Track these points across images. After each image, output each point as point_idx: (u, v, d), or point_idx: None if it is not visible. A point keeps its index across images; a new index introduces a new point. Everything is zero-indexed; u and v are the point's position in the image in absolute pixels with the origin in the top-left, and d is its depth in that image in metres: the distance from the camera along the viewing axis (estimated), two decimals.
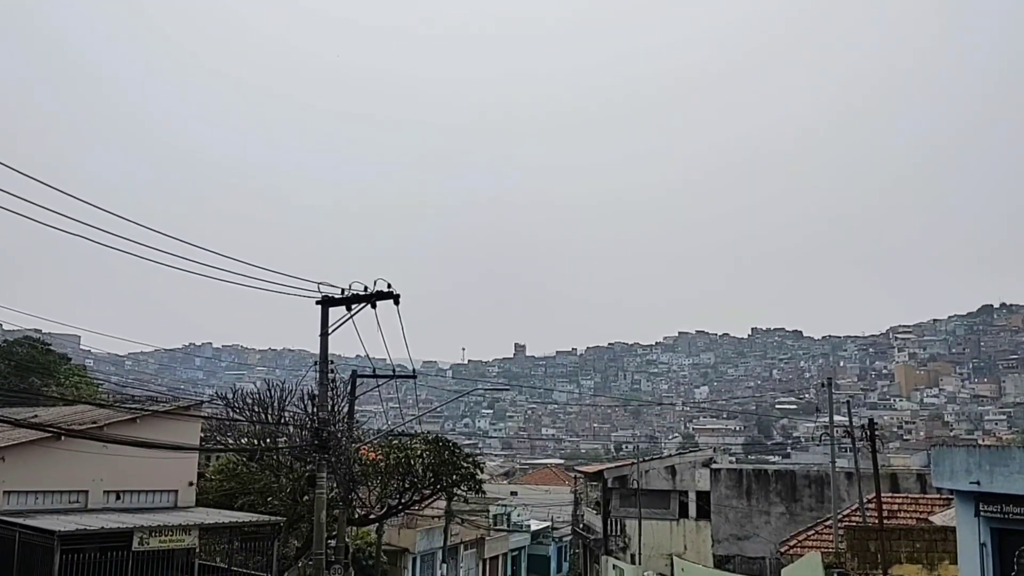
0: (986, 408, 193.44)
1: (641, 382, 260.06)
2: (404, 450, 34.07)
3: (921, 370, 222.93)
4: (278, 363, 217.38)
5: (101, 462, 24.03)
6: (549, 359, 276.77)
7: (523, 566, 74.58)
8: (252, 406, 30.72)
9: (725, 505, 36.51)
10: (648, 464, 43.67)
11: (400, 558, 54.69)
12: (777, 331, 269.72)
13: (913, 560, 21.54)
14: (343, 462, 27.31)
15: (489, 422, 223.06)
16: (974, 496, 15.26)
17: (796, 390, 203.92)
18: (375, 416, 46.38)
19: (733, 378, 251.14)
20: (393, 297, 23.03)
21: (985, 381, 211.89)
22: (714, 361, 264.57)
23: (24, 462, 23.82)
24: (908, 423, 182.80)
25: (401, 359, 27.70)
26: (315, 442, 23.41)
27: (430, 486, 35.33)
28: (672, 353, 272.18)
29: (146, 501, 26.41)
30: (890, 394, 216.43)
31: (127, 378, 76.61)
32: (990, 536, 15.09)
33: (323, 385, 23.65)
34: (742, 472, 38.12)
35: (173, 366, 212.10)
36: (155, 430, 24.90)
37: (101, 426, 25.08)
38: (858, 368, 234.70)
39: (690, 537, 40.43)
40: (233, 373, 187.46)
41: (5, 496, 23.61)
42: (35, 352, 50.10)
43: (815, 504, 34.88)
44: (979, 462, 15.17)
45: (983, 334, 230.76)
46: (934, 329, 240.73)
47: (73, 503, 24.79)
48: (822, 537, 27.61)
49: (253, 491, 31.82)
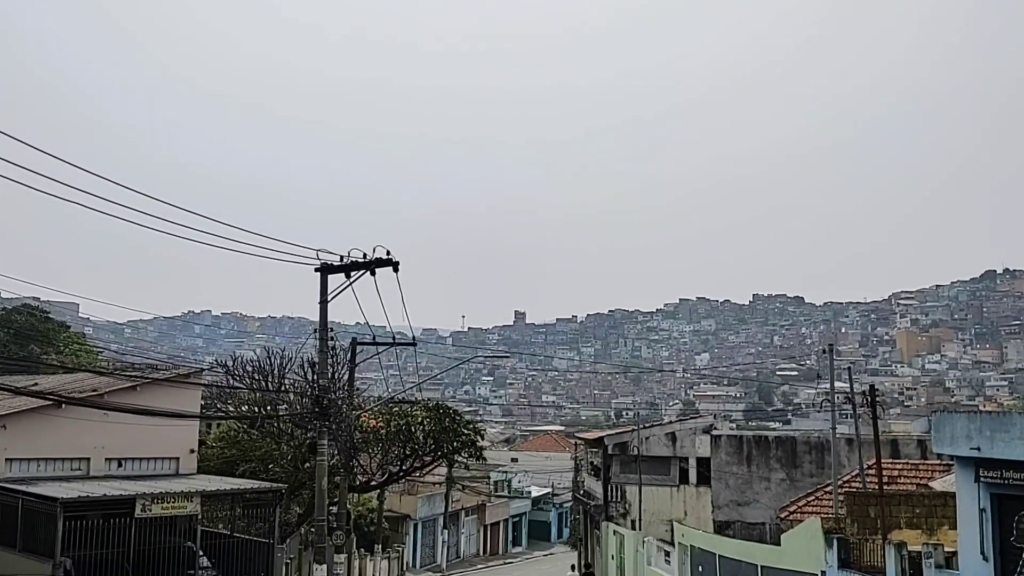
0: (988, 374, 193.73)
1: (641, 349, 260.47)
2: (405, 417, 34.13)
3: (923, 336, 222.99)
4: (278, 331, 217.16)
5: (102, 430, 24.05)
6: (549, 326, 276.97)
7: (524, 532, 75.06)
8: (252, 374, 30.73)
9: (725, 471, 36.59)
10: (648, 431, 43.73)
11: (402, 524, 55.03)
12: (778, 297, 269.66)
13: (913, 525, 21.56)
14: (344, 429, 27.35)
15: (489, 389, 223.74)
16: (974, 462, 15.25)
17: (797, 356, 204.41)
18: (375, 383, 46.40)
19: (734, 344, 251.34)
20: (392, 264, 22.93)
21: (987, 347, 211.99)
22: (715, 327, 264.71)
23: (25, 430, 23.86)
24: (909, 389, 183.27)
25: (401, 327, 27.62)
26: (316, 409, 23.43)
27: (431, 453, 35.45)
28: (673, 320, 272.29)
29: (148, 468, 26.50)
30: (891, 360, 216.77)
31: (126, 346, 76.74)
32: (990, 501, 15.10)
33: (323, 352, 23.62)
34: (742, 438, 38.17)
35: (172, 334, 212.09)
36: (155, 398, 24.93)
37: (102, 394, 25.09)
38: (860, 334, 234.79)
39: (690, 503, 40.57)
40: (233, 341, 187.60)
41: (7, 464, 23.70)
42: (34, 320, 50.06)
43: (815, 470, 34.93)
44: (980, 428, 15.14)
45: (986, 300, 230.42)
46: (937, 295, 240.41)
47: (75, 470, 24.87)
48: (822, 503, 27.67)
49: (254, 458, 31.94)
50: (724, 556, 27.31)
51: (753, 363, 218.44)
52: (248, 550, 24.66)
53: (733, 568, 26.57)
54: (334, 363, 26.65)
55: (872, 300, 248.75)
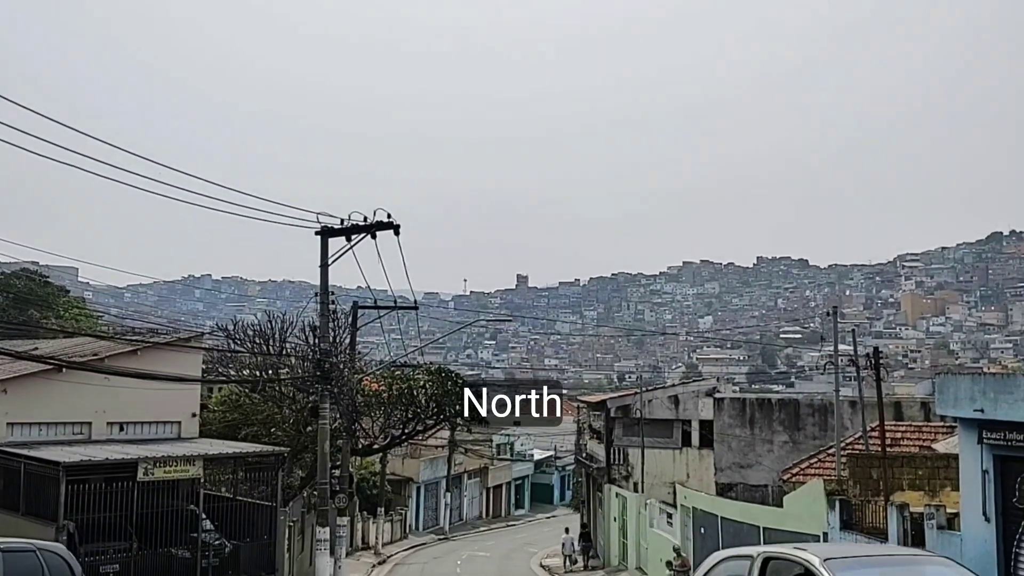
0: (992, 336, 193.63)
1: (644, 312, 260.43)
2: (406, 381, 34.09)
3: (928, 298, 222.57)
4: (278, 295, 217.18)
5: (103, 394, 24.05)
6: (552, 290, 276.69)
7: (527, 494, 75.60)
8: (253, 338, 30.68)
9: (728, 434, 36.62)
10: (651, 394, 43.77)
11: (404, 487, 55.43)
12: (783, 260, 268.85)
13: (915, 487, 21.55)
14: (345, 393, 27.33)
15: (492, 353, 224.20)
16: (977, 423, 15.16)
17: (801, 319, 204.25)
18: (377, 347, 46.41)
19: (737, 307, 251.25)
20: (393, 227, 22.77)
21: (992, 309, 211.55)
22: (718, 291, 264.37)
23: (26, 394, 23.87)
24: (913, 352, 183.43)
25: (402, 290, 27.52)
26: (317, 373, 23.39)
27: (433, 416, 35.46)
28: (676, 283, 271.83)
29: (149, 432, 26.55)
30: (896, 323, 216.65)
31: (126, 310, 76.74)
32: (992, 463, 15.03)
33: (324, 316, 23.56)
34: (745, 401, 38.17)
35: (172, 298, 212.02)
36: (156, 362, 24.89)
37: (102, 358, 25.10)
38: (864, 297, 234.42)
39: (693, 466, 40.68)
40: (233, 305, 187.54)
41: (9, 428, 23.74)
42: (33, 284, 49.97)
43: (818, 433, 34.94)
44: (984, 390, 15.03)
45: (991, 262, 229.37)
46: (942, 257, 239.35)
47: (77, 435, 24.91)
48: (824, 465, 27.69)
49: (256, 422, 31.98)
50: (726, 518, 27.39)
51: (757, 326, 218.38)
52: (251, 513, 24.77)
53: (735, 530, 26.64)
54: (335, 327, 26.61)
55: (877, 262, 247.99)
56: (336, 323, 26.86)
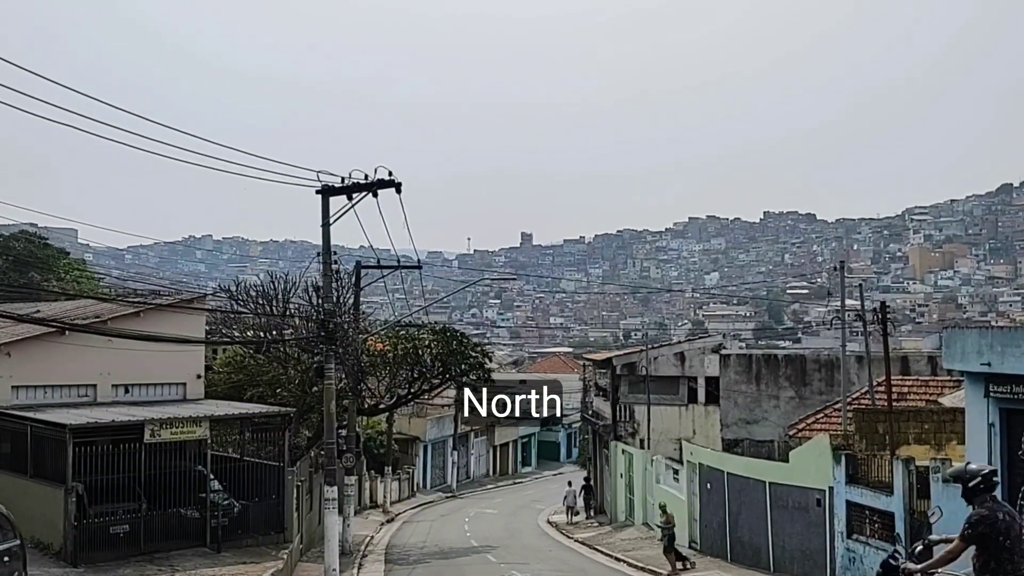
0: (1001, 289, 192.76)
1: (650, 269, 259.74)
2: (412, 340, 34.12)
3: (936, 252, 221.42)
4: (280, 255, 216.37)
5: (107, 356, 24.01)
6: (556, 248, 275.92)
7: (533, 452, 76.04)
8: (256, 299, 30.62)
9: (734, 390, 36.61)
10: (657, 351, 43.73)
11: (411, 446, 55.74)
12: (790, 214, 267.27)
13: (921, 441, 21.56)
14: (350, 353, 27.32)
15: (496, 312, 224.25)
16: (984, 377, 15.12)
17: (808, 274, 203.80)
18: (381, 307, 46.39)
19: (744, 263, 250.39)
20: (395, 185, 22.54)
21: (1001, 262, 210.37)
22: (725, 246, 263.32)
23: (30, 357, 23.83)
24: (921, 306, 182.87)
25: (405, 249, 27.39)
26: (321, 334, 23.31)
27: (439, 376, 35.52)
28: (682, 239, 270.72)
29: (155, 394, 26.53)
30: (904, 277, 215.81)
31: (128, 271, 76.71)
32: (999, 416, 15.02)
33: (327, 276, 23.43)
34: (752, 357, 38.11)
35: (174, 259, 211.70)
36: (159, 323, 24.80)
37: (105, 320, 25.01)
38: (872, 251, 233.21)
39: (699, 422, 40.76)
40: (235, 265, 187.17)
41: (14, 391, 23.73)
42: (32, 247, 49.75)
43: (824, 388, 34.91)
44: (991, 343, 14.97)
45: (1001, 214, 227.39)
46: (951, 210, 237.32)
47: (82, 397, 24.90)
48: (831, 420, 27.68)
49: (261, 383, 32.02)
50: (732, 473, 27.47)
51: (763, 282, 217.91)
52: (259, 473, 24.84)
53: (741, 485, 26.74)
54: (339, 287, 26.51)
55: (885, 216, 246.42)
56: (339, 283, 26.76)
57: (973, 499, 8.17)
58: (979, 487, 8.12)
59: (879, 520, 19.78)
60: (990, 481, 8.14)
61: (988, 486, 8.13)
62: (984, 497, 8.11)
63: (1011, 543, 7.89)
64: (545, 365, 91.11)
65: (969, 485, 8.18)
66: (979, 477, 8.15)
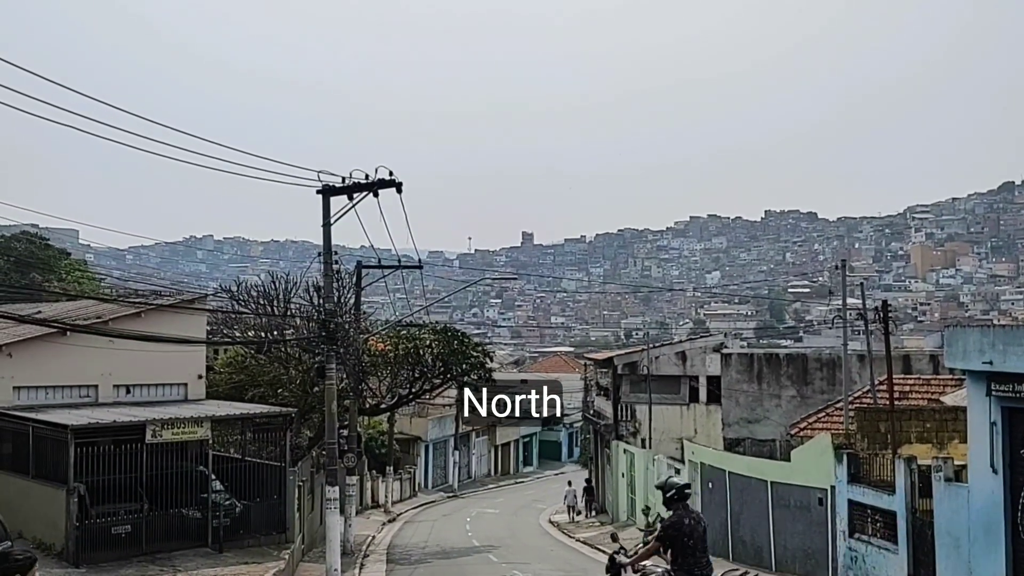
0: (1003, 288, 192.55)
1: (651, 268, 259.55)
2: (413, 340, 34.10)
3: (938, 250, 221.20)
4: (281, 255, 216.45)
5: (109, 357, 24.03)
6: (557, 247, 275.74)
7: (535, 452, 76.06)
8: (257, 299, 30.62)
9: (736, 389, 36.59)
10: (658, 350, 43.72)
11: (413, 446, 55.76)
12: (791, 213, 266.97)
13: (923, 440, 21.52)
14: (351, 353, 27.32)
15: (498, 311, 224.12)
16: (986, 376, 15.08)
17: (809, 273, 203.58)
18: (382, 307, 46.38)
19: (745, 262, 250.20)
20: (395, 185, 22.54)
21: (1003, 260, 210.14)
22: (726, 245, 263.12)
23: (31, 358, 23.85)
24: (923, 304, 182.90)
25: (406, 249, 27.40)
26: (322, 334, 23.30)
27: (440, 375, 35.50)
28: (683, 238, 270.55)
29: (156, 394, 26.54)
30: (905, 275, 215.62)
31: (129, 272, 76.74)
32: (1001, 415, 14.98)
33: (327, 276, 23.41)
34: (753, 356, 38.09)
35: (175, 259, 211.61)
36: (161, 324, 24.80)
37: (106, 321, 25.03)
38: (873, 250, 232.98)
39: (700, 421, 40.75)
40: (236, 266, 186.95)
41: (15, 392, 23.77)
42: (34, 247, 49.82)
43: (826, 387, 34.88)
44: (993, 342, 14.93)
45: (1003, 212, 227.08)
46: (953, 208, 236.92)
47: (83, 398, 24.92)
48: (832, 419, 27.65)
49: (263, 383, 32.01)
50: (734, 472, 27.45)
51: (765, 280, 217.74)
52: (260, 473, 24.85)
53: (743, 484, 26.71)
54: (339, 287, 26.50)
55: (887, 214, 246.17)
56: (340, 283, 26.75)
57: (670, 506, 9.92)
58: (674, 497, 9.88)
59: (881, 519, 19.75)
60: (682, 492, 9.96)
61: (681, 496, 9.93)
62: (677, 505, 9.87)
63: (694, 543, 9.73)
64: (546, 365, 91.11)
65: (667, 495, 9.94)
66: (674, 489, 9.94)
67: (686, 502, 10.05)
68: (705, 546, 9.86)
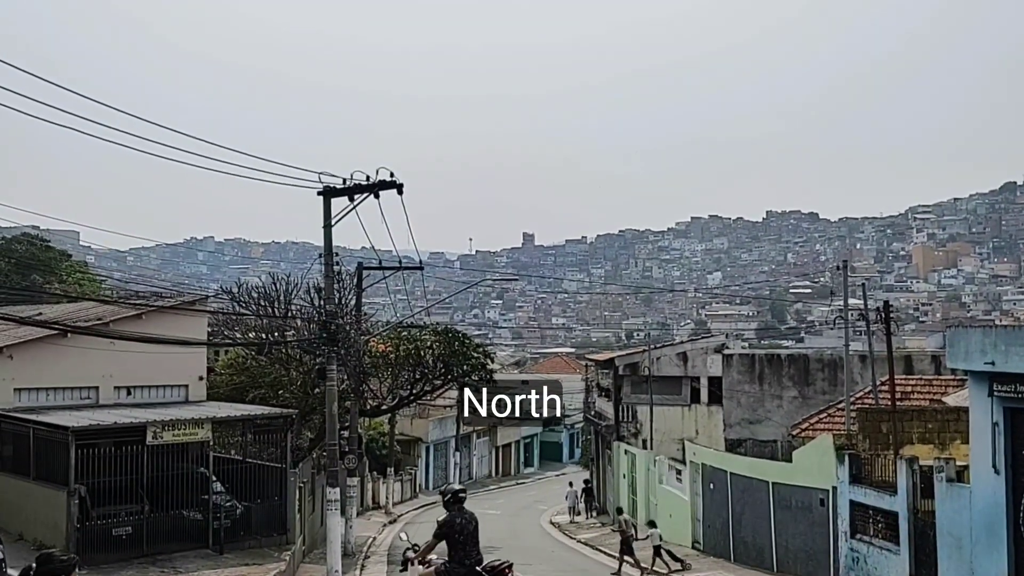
0: (1005, 288, 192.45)
1: (653, 269, 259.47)
2: (413, 341, 34.09)
3: (940, 251, 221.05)
4: (282, 256, 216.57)
5: (110, 358, 24.02)
6: (558, 248, 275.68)
7: (536, 453, 76.01)
8: (258, 300, 30.61)
9: (737, 390, 36.59)
10: (660, 351, 43.68)
11: (414, 447, 55.75)
12: (792, 214, 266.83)
13: (925, 440, 21.49)
14: (352, 354, 27.29)
15: (498, 312, 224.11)
16: (988, 376, 15.05)
17: (811, 274, 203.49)
18: (383, 308, 46.38)
19: (747, 263, 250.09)
20: (396, 186, 22.50)
21: (1005, 260, 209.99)
22: (727, 246, 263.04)
23: (32, 359, 23.84)
24: (925, 305, 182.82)
25: (407, 250, 27.33)
26: (323, 335, 23.28)
27: (441, 377, 35.48)
28: (684, 239, 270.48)
29: (157, 396, 26.52)
30: (907, 276, 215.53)
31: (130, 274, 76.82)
32: (1003, 415, 14.95)
33: (328, 277, 23.38)
34: (754, 357, 38.08)
35: (176, 261, 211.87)
36: (161, 325, 24.80)
37: (107, 322, 25.00)
38: (875, 250, 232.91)
39: (702, 422, 40.71)
40: (237, 267, 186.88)
41: (16, 394, 23.76)
42: (34, 249, 49.81)
43: (828, 388, 34.87)
44: (995, 342, 14.90)
45: (1005, 212, 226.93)
46: (954, 208, 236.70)
47: (84, 399, 24.90)
48: (834, 420, 27.63)
49: (263, 384, 32.00)
50: (735, 473, 27.41)
51: (766, 281, 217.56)
52: (261, 475, 24.80)
53: (744, 485, 26.68)
54: (340, 288, 26.48)
55: (888, 215, 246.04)
56: (341, 284, 26.73)
57: (448, 508, 11.74)
58: (450, 500, 11.79)
59: (883, 520, 19.72)
60: (457, 496, 11.83)
61: (456, 500, 11.78)
62: (453, 508, 11.69)
63: (464, 539, 11.56)
64: (547, 366, 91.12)
65: (445, 499, 11.90)
66: (450, 494, 11.90)
67: (461, 505, 11.78)
68: (476, 540, 11.71)
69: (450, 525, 11.59)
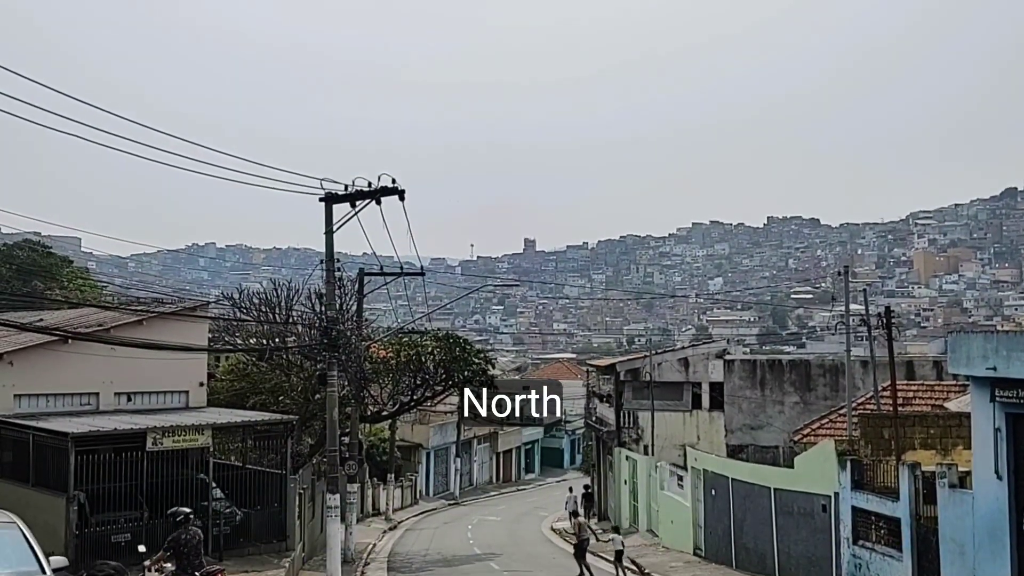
0: (1006, 293, 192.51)
1: (654, 274, 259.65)
2: (415, 347, 34.07)
3: (941, 256, 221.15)
4: (283, 262, 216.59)
5: (110, 364, 23.96)
6: (560, 253, 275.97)
7: (536, 459, 75.87)
8: (259, 306, 30.60)
9: (738, 396, 36.50)
10: (661, 357, 43.60)
11: (414, 453, 55.62)
12: (794, 219, 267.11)
13: (927, 446, 21.40)
14: (353, 360, 27.26)
15: (500, 318, 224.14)
16: (990, 381, 14.99)
17: (812, 279, 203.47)
18: (384, 314, 46.38)
19: (748, 268, 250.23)
20: (398, 193, 22.54)
21: (1006, 266, 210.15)
22: (728, 251, 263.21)
23: (33, 366, 23.79)
24: (926, 310, 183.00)
25: (408, 256, 27.34)
26: (324, 341, 23.26)
27: (442, 382, 35.45)
28: (686, 244, 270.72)
29: (157, 402, 26.50)
30: (908, 281, 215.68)
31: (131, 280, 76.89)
32: (1005, 421, 14.89)
33: (329, 283, 23.38)
34: (756, 362, 37.99)
35: (177, 267, 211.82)
36: (162, 331, 24.80)
37: (108, 328, 24.95)
38: (876, 256, 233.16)
39: (703, 428, 40.61)
40: (238, 273, 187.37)
41: (16, 400, 23.69)
42: (36, 255, 49.86)
43: (829, 393, 34.79)
44: (996, 347, 14.84)
45: (1006, 218, 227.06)
46: (955, 214, 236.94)
47: (84, 405, 24.87)
48: (836, 425, 27.54)
49: (264, 390, 31.97)
50: (737, 479, 27.32)
51: (767, 287, 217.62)
52: (261, 481, 24.74)
53: (746, 491, 26.59)
54: (341, 294, 26.49)
55: (889, 220, 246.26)
56: (342, 290, 26.74)
57: (176, 527, 14.67)
58: (179, 519, 14.73)
59: (885, 526, 19.64)
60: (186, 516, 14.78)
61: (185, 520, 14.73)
62: (180, 526, 14.59)
63: (188, 551, 14.38)
64: (549, 371, 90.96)
65: (176, 519, 14.76)
66: (181, 515, 14.80)
67: (186, 524, 14.60)
68: (199, 552, 14.48)
69: (176, 541, 14.47)
